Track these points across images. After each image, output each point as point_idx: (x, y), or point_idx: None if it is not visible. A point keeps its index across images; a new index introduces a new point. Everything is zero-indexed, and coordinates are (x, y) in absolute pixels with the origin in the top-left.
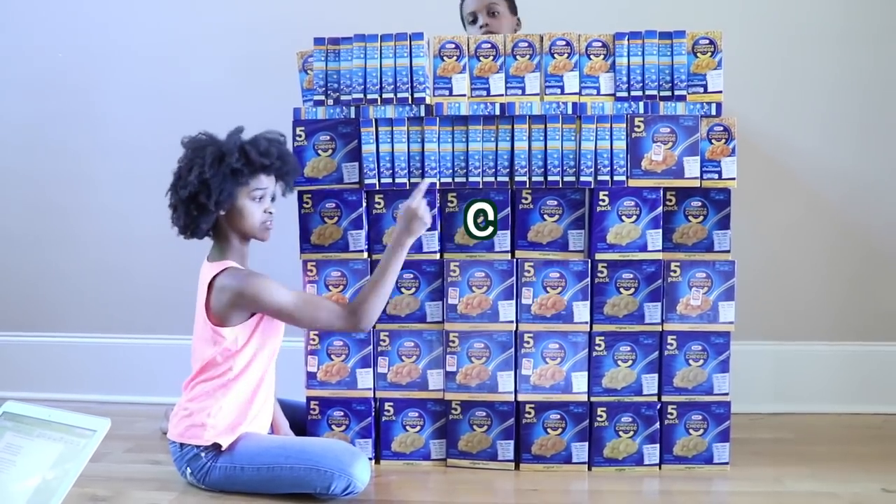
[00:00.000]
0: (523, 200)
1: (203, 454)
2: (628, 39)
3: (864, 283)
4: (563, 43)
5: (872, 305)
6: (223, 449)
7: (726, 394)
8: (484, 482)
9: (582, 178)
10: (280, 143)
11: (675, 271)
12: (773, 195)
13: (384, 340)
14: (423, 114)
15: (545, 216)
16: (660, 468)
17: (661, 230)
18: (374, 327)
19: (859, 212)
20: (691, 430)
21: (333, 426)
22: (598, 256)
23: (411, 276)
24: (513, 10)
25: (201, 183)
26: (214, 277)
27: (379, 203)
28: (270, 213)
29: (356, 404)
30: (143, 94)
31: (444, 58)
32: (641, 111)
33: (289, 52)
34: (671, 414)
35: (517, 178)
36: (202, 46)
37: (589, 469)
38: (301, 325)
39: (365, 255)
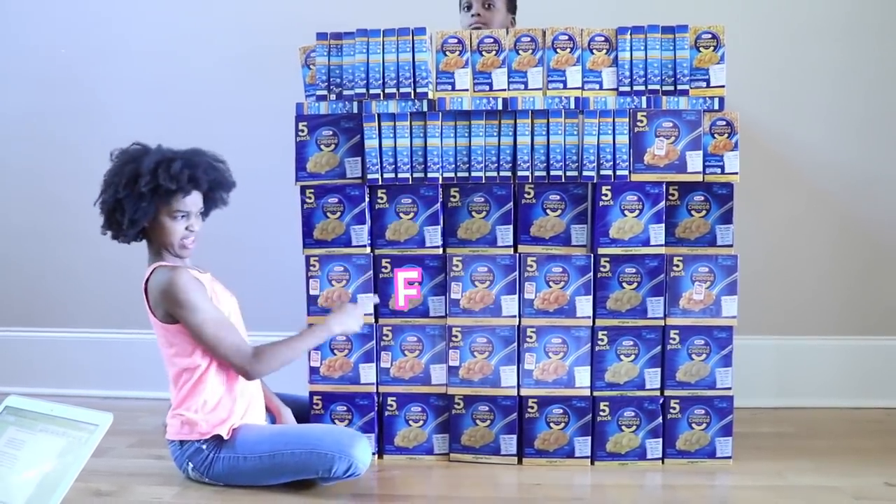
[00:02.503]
0: (526, 195)
1: (205, 447)
2: (631, 34)
3: (866, 277)
4: (566, 37)
5: (875, 300)
6: (224, 439)
7: (729, 388)
8: (487, 477)
9: (584, 173)
10: (194, 165)
11: (677, 266)
12: (776, 189)
13: (387, 335)
14: (425, 109)
15: (548, 211)
16: (662, 462)
17: (663, 225)
18: (376, 322)
19: (862, 206)
20: (694, 425)
21: (336, 421)
22: (601, 251)
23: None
24: (511, 8)
25: (116, 202)
26: (147, 280)
27: (382, 198)
28: (192, 231)
29: (359, 399)
30: (146, 88)
31: (447, 53)
32: (644, 106)
33: (291, 47)
34: (674, 408)
35: (520, 173)
36: (205, 41)
37: (592, 463)
38: (201, 342)
39: (367, 249)
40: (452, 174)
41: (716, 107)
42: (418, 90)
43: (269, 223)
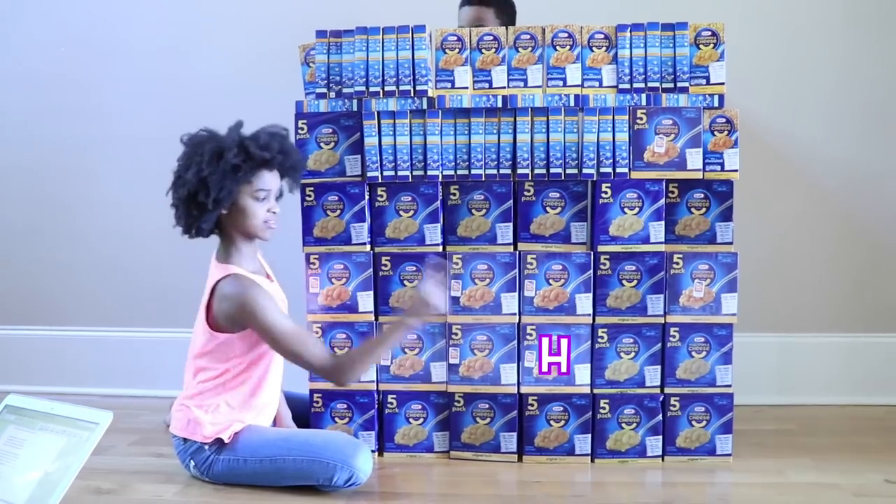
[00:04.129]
0: (526, 193)
1: (206, 447)
2: (630, 31)
3: (866, 274)
4: (566, 35)
5: (875, 297)
6: (226, 442)
7: (729, 385)
8: (487, 474)
9: (584, 171)
10: (282, 137)
11: (677, 263)
12: (776, 187)
13: None
14: (425, 106)
15: (547, 208)
16: (662, 460)
17: (663, 222)
18: (376, 319)
19: (862, 203)
20: (694, 422)
21: (336, 419)
22: (601, 248)
23: (414, 268)
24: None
25: (199, 181)
26: (218, 282)
27: (381, 196)
28: (274, 212)
29: (359, 397)
30: (144, 87)
31: (446, 50)
32: (644, 103)
33: (291, 44)
34: (674, 406)
35: (519, 171)
36: (204, 39)
37: (592, 461)
38: (281, 353)
39: (367, 247)
40: (452, 172)
41: (716, 104)
42: (418, 88)
43: None
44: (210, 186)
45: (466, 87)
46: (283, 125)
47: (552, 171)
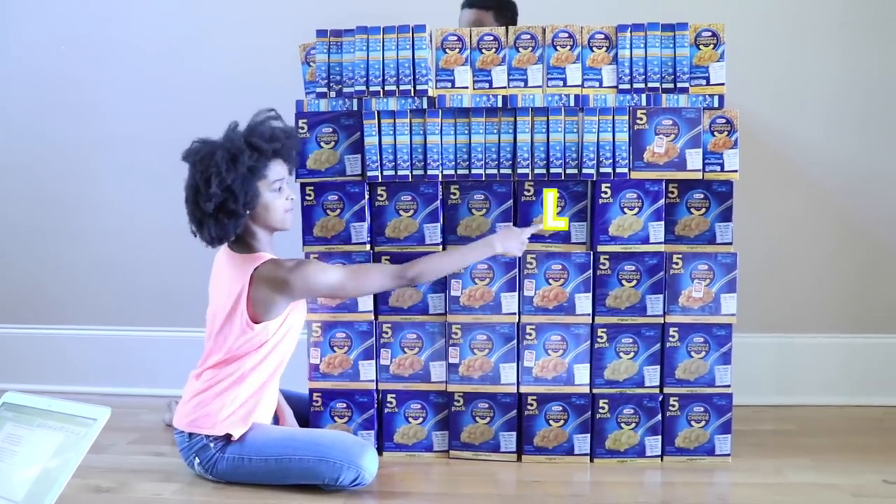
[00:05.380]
0: (525, 192)
1: (212, 444)
2: (631, 31)
3: (865, 275)
4: (566, 35)
5: (874, 298)
6: (233, 439)
7: (728, 386)
8: (486, 474)
9: (584, 171)
10: (277, 122)
11: (676, 263)
12: (776, 187)
13: (387, 332)
14: (425, 106)
15: None
16: (661, 460)
17: (663, 222)
18: (376, 318)
19: (862, 204)
20: (693, 422)
21: (336, 418)
22: (601, 248)
23: None
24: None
25: (225, 190)
26: (256, 269)
27: (381, 195)
28: (292, 199)
29: (359, 396)
30: (145, 87)
31: (447, 50)
32: (644, 103)
33: (291, 44)
34: (673, 406)
35: (519, 171)
36: (204, 39)
37: (591, 460)
38: (351, 296)
39: (367, 247)
40: (452, 171)
41: (715, 105)
42: (418, 87)
43: None
44: (236, 192)
45: (467, 87)
46: (267, 108)
47: (552, 170)
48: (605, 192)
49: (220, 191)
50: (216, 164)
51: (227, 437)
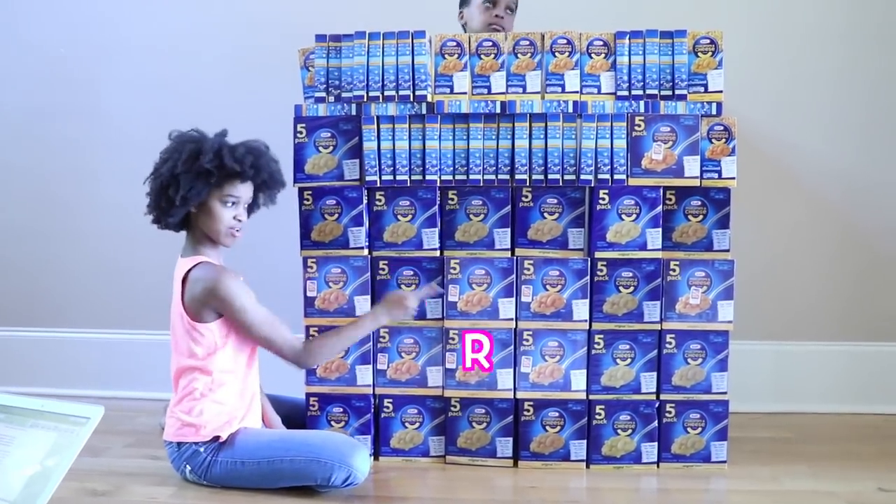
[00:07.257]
0: (523, 198)
1: (203, 450)
2: (629, 38)
3: (863, 283)
4: (565, 41)
5: (871, 306)
6: (223, 442)
7: (724, 392)
8: (482, 479)
9: (582, 177)
10: (259, 153)
11: (674, 270)
12: (773, 195)
13: (384, 337)
14: (424, 111)
15: (545, 214)
16: (658, 466)
17: (660, 229)
18: None
19: (859, 212)
20: (689, 429)
21: (332, 422)
22: (598, 255)
23: (411, 272)
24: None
25: (172, 177)
26: (188, 272)
27: (380, 200)
28: (240, 220)
29: (355, 401)
30: (145, 89)
31: (446, 55)
32: (642, 110)
33: (290, 48)
34: (669, 412)
35: (517, 177)
36: (205, 42)
37: (587, 467)
38: (253, 339)
39: (365, 251)
40: (450, 177)
41: (713, 112)
42: (417, 93)
43: (266, 224)
44: (180, 184)
45: (465, 93)
46: (265, 141)
47: (550, 177)
48: (603, 199)
49: (167, 175)
50: (180, 152)
51: (216, 439)
